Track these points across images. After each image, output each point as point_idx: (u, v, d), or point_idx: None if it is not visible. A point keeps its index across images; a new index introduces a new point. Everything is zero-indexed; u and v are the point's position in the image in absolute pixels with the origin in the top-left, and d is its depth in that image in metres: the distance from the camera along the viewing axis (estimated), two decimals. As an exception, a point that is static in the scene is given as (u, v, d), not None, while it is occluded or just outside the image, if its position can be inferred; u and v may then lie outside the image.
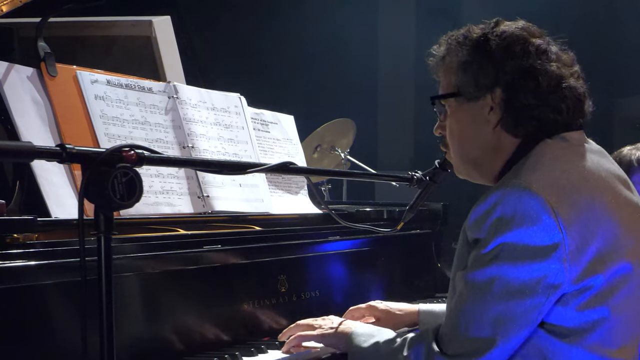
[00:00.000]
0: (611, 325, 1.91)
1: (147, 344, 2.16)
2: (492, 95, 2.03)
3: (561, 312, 1.90)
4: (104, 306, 1.52)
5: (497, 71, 2.02)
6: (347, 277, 2.92)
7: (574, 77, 2.05)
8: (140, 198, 1.55)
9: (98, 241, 1.53)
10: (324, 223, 2.92)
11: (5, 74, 2.25)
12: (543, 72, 2.00)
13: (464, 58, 2.06)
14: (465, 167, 2.14)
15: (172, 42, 3.18)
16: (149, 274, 2.20)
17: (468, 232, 1.97)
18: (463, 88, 2.07)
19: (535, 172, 1.92)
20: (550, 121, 2.01)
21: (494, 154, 2.06)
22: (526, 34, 2.05)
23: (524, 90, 2.00)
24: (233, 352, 2.25)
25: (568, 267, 1.86)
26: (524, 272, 1.87)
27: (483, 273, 1.90)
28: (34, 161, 2.06)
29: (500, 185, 1.93)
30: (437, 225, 3.43)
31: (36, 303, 1.92)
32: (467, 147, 2.11)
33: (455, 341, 1.95)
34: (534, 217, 1.85)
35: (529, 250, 1.86)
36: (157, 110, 2.59)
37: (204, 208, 2.57)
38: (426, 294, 3.26)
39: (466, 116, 2.08)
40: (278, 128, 3.07)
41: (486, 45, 2.04)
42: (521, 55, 2.01)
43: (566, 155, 1.99)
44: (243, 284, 2.47)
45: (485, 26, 2.09)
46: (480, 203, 1.92)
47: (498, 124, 2.04)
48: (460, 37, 2.09)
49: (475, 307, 1.92)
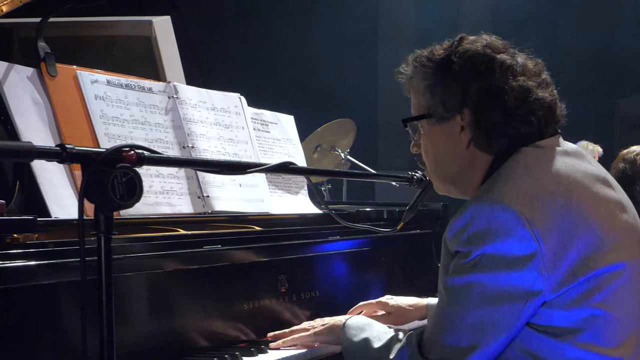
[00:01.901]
0: (603, 322, 1.91)
1: (147, 343, 2.16)
2: (461, 116, 2.03)
3: (548, 313, 1.90)
4: (104, 306, 1.52)
5: (463, 92, 2.02)
6: (347, 277, 2.92)
7: (541, 87, 2.04)
8: (140, 198, 1.55)
9: (98, 241, 1.53)
10: (324, 223, 2.92)
11: (5, 74, 2.25)
12: (509, 90, 1.99)
13: (428, 81, 2.07)
14: (444, 184, 2.16)
15: (172, 42, 3.18)
16: (149, 274, 2.20)
17: (448, 244, 1.99)
18: (432, 110, 2.08)
19: (507, 184, 1.92)
20: (522, 134, 2.01)
21: (470, 171, 2.07)
22: (490, 51, 2.04)
23: (491, 108, 2.00)
24: (233, 352, 2.25)
25: (546, 275, 1.87)
26: (502, 279, 1.88)
27: (462, 279, 1.92)
28: (34, 161, 2.06)
29: (475, 199, 1.94)
30: (437, 225, 3.43)
31: (36, 303, 1.92)
32: (442, 166, 2.13)
33: (436, 346, 1.98)
34: (509, 230, 1.86)
35: (507, 260, 1.87)
36: (157, 110, 2.59)
37: (204, 208, 2.57)
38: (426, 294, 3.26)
39: (439, 137, 2.09)
40: (278, 128, 3.07)
41: (450, 66, 2.04)
42: (485, 74, 2.01)
43: (539, 162, 1.98)
44: (243, 284, 2.47)
45: (448, 45, 2.08)
46: (457, 217, 1.94)
47: (470, 142, 2.04)
48: (424, 59, 2.09)
49: (454, 312, 1.94)
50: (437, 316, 1.99)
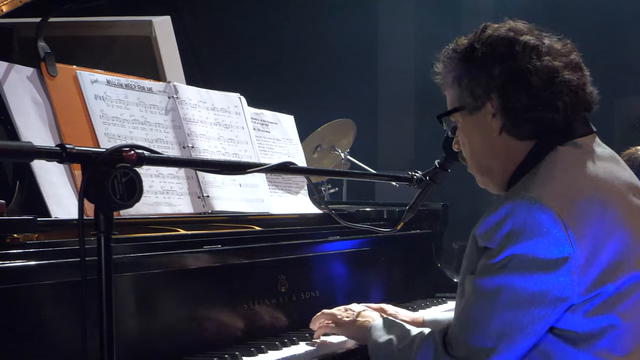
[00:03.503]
0: (620, 332, 1.92)
1: (147, 343, 2.16)
2: (490, 103, 2.03)
3: (569, 318, 1.91)
4: (104, 306, 1.52)
5: (487, 78, 2.02)
6: (347, 277, 2.92)
7: (568, 68, 2.02)
8: (140, 198, 1.55)
9: (98, 241, 1.53)
10: (324, 223, 2.92)
11: (5, 74, 2.25)
12: (533, 69, 1.98)
13: (455, 72, 2.08)
14: (481, 176, 2.15)
15: (172, 42, 3.18)
16: (149, 274, 2.20)
17: (478, 240, 1.97)
18: (462, 101, 2.08)
19: (546, 185, 1.91)
20: (548, 121, 1.99)
21: (504, 161, 2.06)
22: (512, 34, 2.03)
23: (517, 91, 1.99)
24: (233, 352, 2.25)
25: (577, 279, 1.87)
26: (532, 283, 1.87)
27: (491, 281, 1.91)
28: (34, 161, 2.06)
29: (511, 196, 1.93)
30: (437, 225, 3.43)
31: (36, 303, 1.92)
32: (479, 157, 2.12)
33: (462, 345, 1.98)
34: (544, 231, 1.85)
35: (538, 263, 1.86)
36: (157, 110, 2.59)
37: (204, 208, 2.57)
38: (426, 294, 3.27)
39: (473, 128, 2.09)
40: (278, 128, 3.07)
41: (473, 54, 2.04)
42: (507, 57, 2.00)
43: (577, 164, 1.97)
44: (243, 284, 2.47)
45: (472, 35, 2.08)
46: (491, 213, 1.93)
47: (501, 130, 2.04)
48: (450, 52, 2.10)
49: (481, 314, 1.94)
50: (463, 315, 1.99)
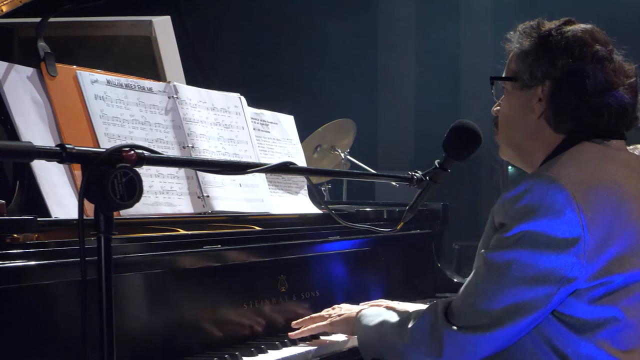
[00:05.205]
0: (623, 326, 1.95)
1: (147, 343, 2.16)
2: (542, 87, 2.11)
3: (574, 303, 1.95)
4: (104, 306, 1.52)
5: (550, 65, 2.10)
6: (347, 277, 2.92)
7: (626, 87, 2.10)
8: (140, 198, 1.55)
9: (98, 241, 1.53)
10: (324, 223, 2.92)
11: (5, 74, 2.25)
12: (592, 76, 2.06)
13: (525, 48, 2.15)
14: (508, 148, 2.24)
15: (172, 42, 3.18)
16: (149, 274, 2.20)
17: (495, 215, 2.03)
18: (519, 75, 2.16)
19: (567, 168, 1.99)
20: (589, 124, 2.07)
21: (535, 143, 2.14)
22: (588, 38, 2.11)
23: (570, 88, 2.07)
24: (233, 352, 2.25)
25: (585, 263, 1.91)
26: (541, 260, 1.92)
27: (502, 255, 1.97)
28: (34, 161, 2.06)
29: (532, 175, 2.02)
30: (437, 225, 3.43)
31: (36, 303, 1.92)
32: (512, 129, 2.20)
33: (464, 315, 2.02)
34: (558, 210, 1.91)
35: (549, 241, 1.92)
36: (157, 110, 2.59)
37: (204, 208, 2.57)
38: (426, 294, 3.27)
39: (517, 101, 2.17)
40: (278, 128, 3.07)
41: (547, 40, 2.12)
42: (577, 57, 2.08)
43: (601, 158, 2.04)
44: (243, 284, 2.47)
45: (556, 23, 2.16)
46: (510, 189, 1.99)
47: (542, 115, 2.11)
48: (529, 28, 2.17)
49: (490, 286, 1.98)
50: (471, 287, 2.03)
